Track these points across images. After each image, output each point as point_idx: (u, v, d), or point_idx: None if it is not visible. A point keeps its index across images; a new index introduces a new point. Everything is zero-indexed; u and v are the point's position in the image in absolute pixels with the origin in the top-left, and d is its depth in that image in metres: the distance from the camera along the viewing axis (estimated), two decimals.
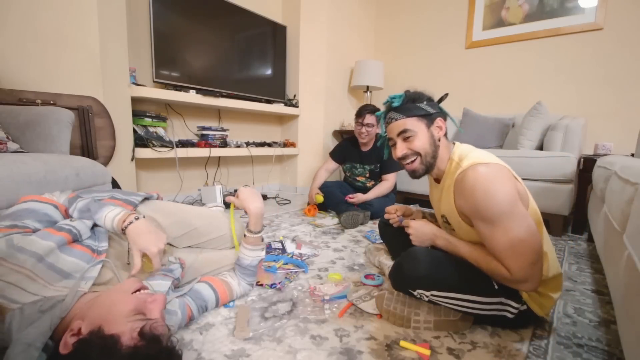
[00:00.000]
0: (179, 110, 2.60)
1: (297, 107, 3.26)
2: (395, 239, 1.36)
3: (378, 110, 2.28)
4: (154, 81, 2.25)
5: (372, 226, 2.09)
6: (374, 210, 2.21)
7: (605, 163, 1.38)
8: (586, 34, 2.57)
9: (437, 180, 1.01)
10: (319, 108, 3.28)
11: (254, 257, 1.05)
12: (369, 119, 2.23)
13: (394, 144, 0.98)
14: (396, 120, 0.95)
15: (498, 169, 0.83)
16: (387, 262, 1.33)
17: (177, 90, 2.34)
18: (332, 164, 2.53)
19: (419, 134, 0.94)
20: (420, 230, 1.00)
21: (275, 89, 3.14)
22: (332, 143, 3.37)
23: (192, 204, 2.42)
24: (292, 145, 3.30)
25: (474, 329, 0.94)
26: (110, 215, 0.82)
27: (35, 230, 0.73)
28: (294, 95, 3.29)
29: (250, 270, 1.06)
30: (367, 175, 2.39)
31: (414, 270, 0.91)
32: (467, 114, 2.85)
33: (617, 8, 2.45)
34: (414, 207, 1.22)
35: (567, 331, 0.96)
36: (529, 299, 0.90)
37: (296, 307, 1.04)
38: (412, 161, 0.96)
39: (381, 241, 1.70)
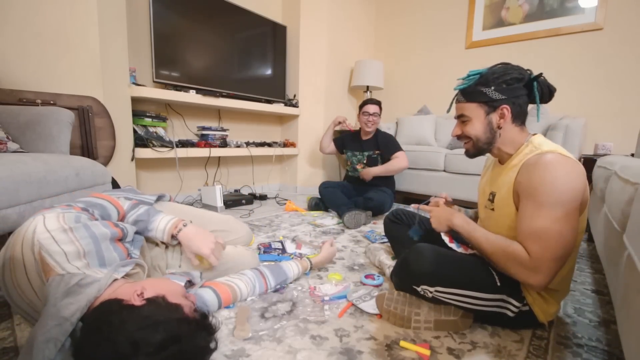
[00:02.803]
0: (179, 110, 2.60)
1: (297, 107, 3.26)
2: (399, 236, 1.36)
3: (379, 102, 2.43)
4: (154, 81, 2.25)
5: (372, 226, 2.09)
6: (374, 205, 2.21)
7: (605, 163, 1.37)
8: (586, 34, 2.57)
9: (501, 162, 0.99)
10: (319, 108, 3.28)
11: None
12: (373, 108, 2.39)
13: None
14: (459, 102, 0.97)
15: (577, 166, 0.81)
16: (387, 262, 1.33)
17: (177, 90, 2.34)
18: (333, 147, 2.68)
19: (473, 121, 0.94)
20: (439, 213, 1.01)
21: (275, 89, 3.14)
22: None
23: (191, 204, 2.44)
24: (292, 145, 3.30)
25: (474, 329, 0.94)
26: (165, 220, 0.96)
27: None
28: (294, 95, 3.29)
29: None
30: (365, 161, 2.46)
31: (419, 266, 0.91)
32: None
33: (617, 8, 2.45)
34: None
35: (567, 331, 0.96)
36: (533, 303, 0.90)
37: (296, 307, 1.04)
38: (465, 142, 0.99)
39: (381, 241, 1.71)
